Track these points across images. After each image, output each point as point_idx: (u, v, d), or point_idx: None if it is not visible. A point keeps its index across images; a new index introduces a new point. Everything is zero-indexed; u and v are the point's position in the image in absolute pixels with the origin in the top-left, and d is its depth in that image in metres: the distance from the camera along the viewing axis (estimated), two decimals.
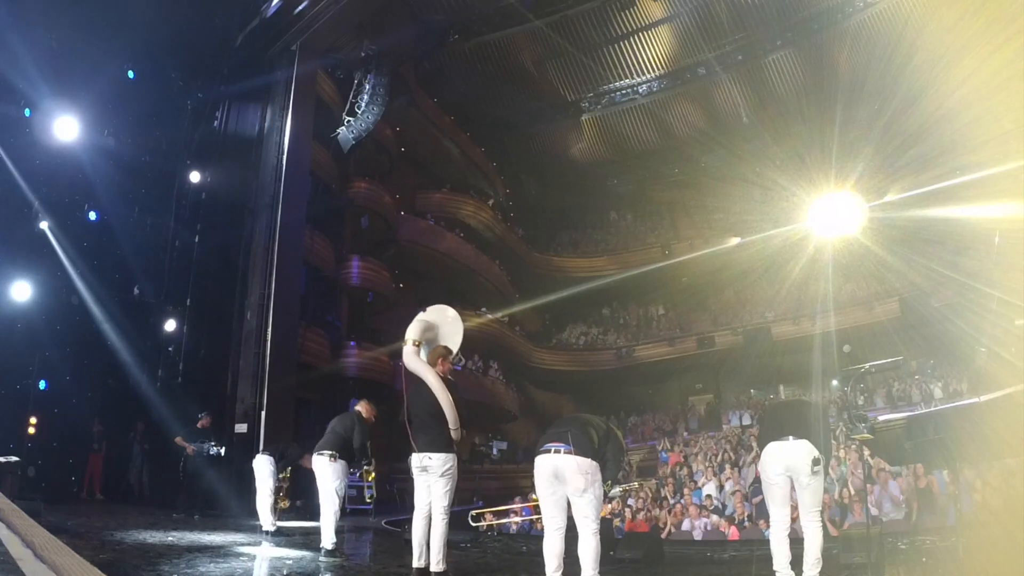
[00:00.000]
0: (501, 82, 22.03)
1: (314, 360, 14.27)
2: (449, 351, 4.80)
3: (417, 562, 4.54)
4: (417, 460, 4.56)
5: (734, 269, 21.90)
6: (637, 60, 21.67)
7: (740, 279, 22.86)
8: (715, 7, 19.55)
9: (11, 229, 9.95)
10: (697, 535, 9.86)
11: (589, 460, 3.89)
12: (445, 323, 5.03)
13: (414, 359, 4.69)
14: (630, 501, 11.66)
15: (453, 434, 4.53)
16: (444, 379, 4.63)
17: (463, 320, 5.14)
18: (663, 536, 9.56)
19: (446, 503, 4.50)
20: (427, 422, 4.52)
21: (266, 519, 7.27)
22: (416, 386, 4.61)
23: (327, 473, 5.96)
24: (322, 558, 5.75)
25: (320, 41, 13.75)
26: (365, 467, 6.39)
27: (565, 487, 3.93)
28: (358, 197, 17.95)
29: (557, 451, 3.94)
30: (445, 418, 4.48)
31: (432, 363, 4.68)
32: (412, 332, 4.83)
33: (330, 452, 5.99)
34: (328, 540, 5.84)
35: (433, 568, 4.46)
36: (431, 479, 4.53)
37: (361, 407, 6.47)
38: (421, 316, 4.99)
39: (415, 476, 4.63)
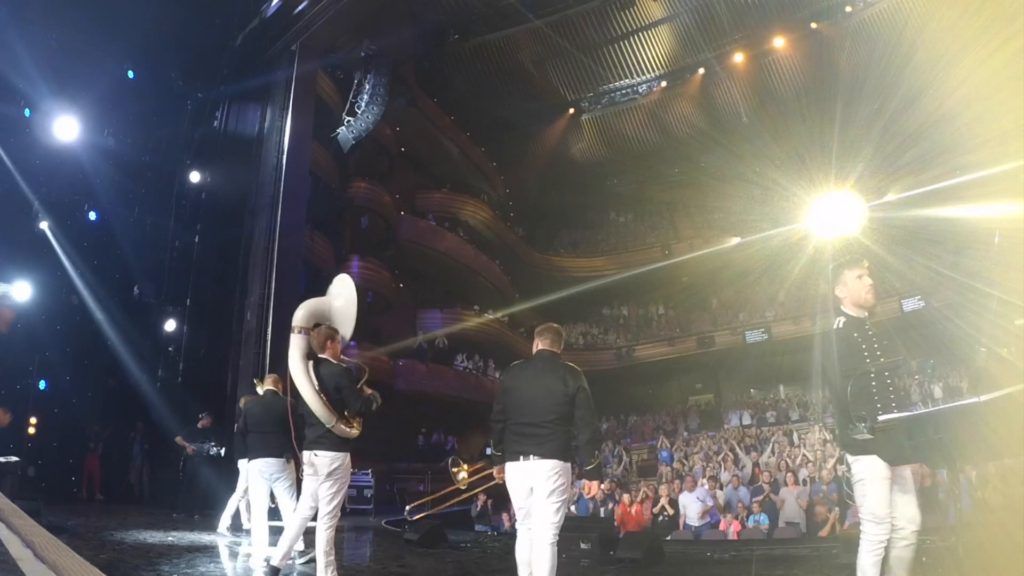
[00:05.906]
0: (501, 82, 22.02)
1: None
2: (335, 331, 4.31)
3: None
4: (305, 457, 4.16)
5: (734, 269, 21.86)
6: (637, 60, 21.68)
7: (740, 279, 22.81)
8: (715, 7, 19.56)
9: (11, 229, 9.93)
10: (697, 535, 9.84)
11: (561, 462, 3.49)
12: (337, 300, 4.52)
13: (292, 351, 4.20)
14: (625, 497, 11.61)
15: (335, 430, 4.05)
16: (339, 366, 4.18)
17: (463, 320, 4.97)
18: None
19: (331, 507, 4.08)
20: (315, 416, 4.10)
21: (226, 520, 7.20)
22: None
23: (279, 473, 5.35)
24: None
25: (320, 41, 13.75)
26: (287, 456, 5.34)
27: (532, 490, 3.53)
28: (358, 197, 17.93)
29: (527, 457, 3.51)
30: (331, 414, 4.06)
31: (320, 347, 4.20)
32: (297, 318, 4.32)
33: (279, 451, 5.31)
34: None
35: (274, 562, 4.12)
36: (319, 480, 4.12)
37: (269, 382, 5.70)
38: (317, 299, 4.57)
39: (304, 475, 4.19)
